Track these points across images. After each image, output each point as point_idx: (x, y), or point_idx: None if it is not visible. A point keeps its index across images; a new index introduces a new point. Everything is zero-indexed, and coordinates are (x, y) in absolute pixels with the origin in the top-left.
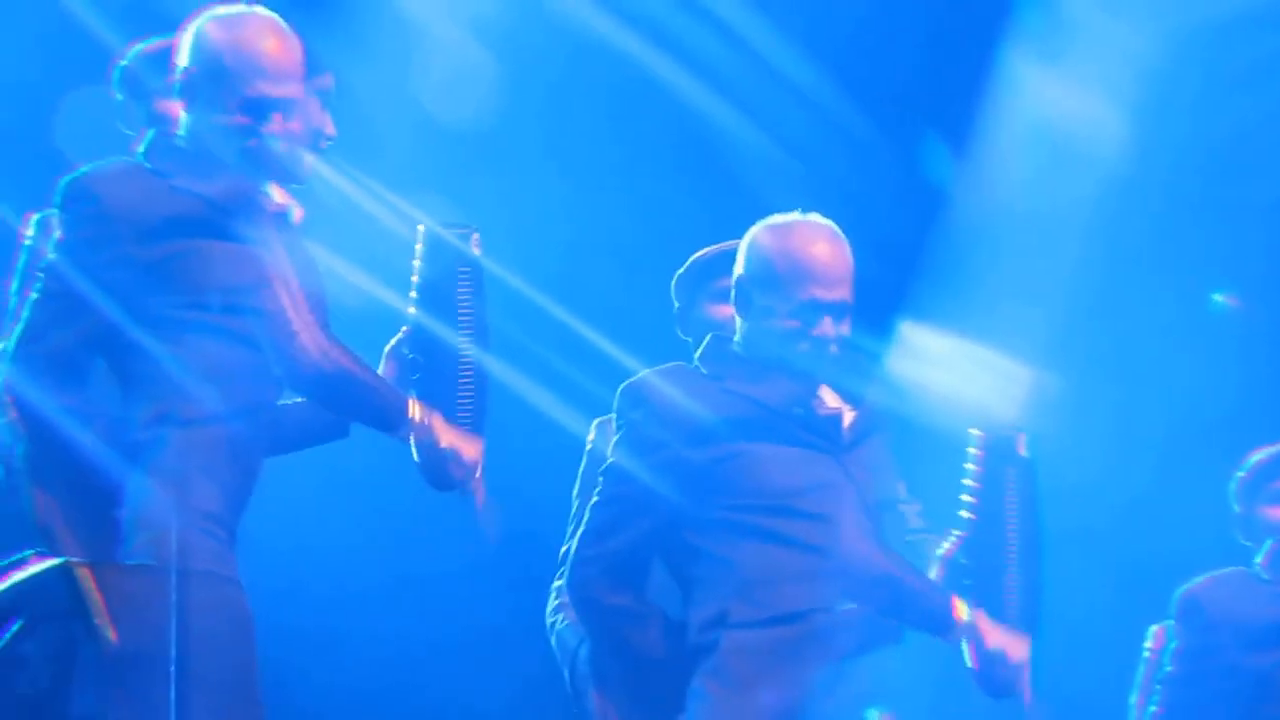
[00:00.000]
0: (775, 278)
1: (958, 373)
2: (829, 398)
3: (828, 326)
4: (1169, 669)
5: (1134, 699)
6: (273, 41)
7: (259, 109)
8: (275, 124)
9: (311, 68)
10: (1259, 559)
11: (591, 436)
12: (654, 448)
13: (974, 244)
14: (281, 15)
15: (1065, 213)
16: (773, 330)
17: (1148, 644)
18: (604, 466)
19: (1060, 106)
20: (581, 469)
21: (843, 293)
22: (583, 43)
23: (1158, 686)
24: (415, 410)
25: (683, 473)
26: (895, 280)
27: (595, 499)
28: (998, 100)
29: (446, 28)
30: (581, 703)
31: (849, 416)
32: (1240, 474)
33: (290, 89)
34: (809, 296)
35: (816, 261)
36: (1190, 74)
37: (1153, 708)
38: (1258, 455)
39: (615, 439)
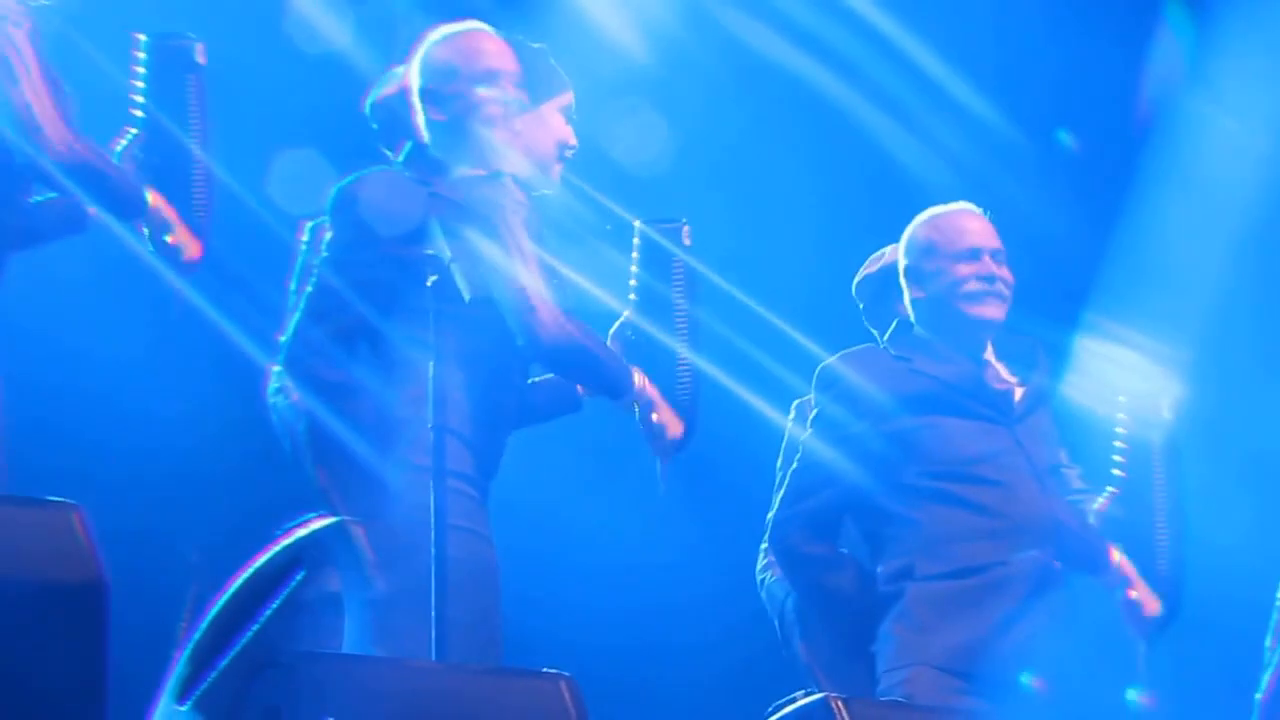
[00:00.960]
0: (935, 244)
1: (1115, 369)
2: (1003, 374)
3: (990, 264)
4: None
5: (1268, 642)
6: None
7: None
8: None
9: (553, 85)
10: None
11: (792, 415)
12: (847, 422)
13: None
14: (509, 38)
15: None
16: (945, 288)
17: None
18: (803, 438)
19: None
20: (784, 443)
21: (996, 241)
22: (764, 57)
23: None
24: (639, 380)
25: (873, 444)
26: (1058, 283)
27: (795, 466)
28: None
29: (634, 38)
30: (789, 647)
31: (1019, 392)
32: None
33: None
34: (968, 244)
35: (968, 220)
36: None
37: None
38: None
39: (813, 415)
